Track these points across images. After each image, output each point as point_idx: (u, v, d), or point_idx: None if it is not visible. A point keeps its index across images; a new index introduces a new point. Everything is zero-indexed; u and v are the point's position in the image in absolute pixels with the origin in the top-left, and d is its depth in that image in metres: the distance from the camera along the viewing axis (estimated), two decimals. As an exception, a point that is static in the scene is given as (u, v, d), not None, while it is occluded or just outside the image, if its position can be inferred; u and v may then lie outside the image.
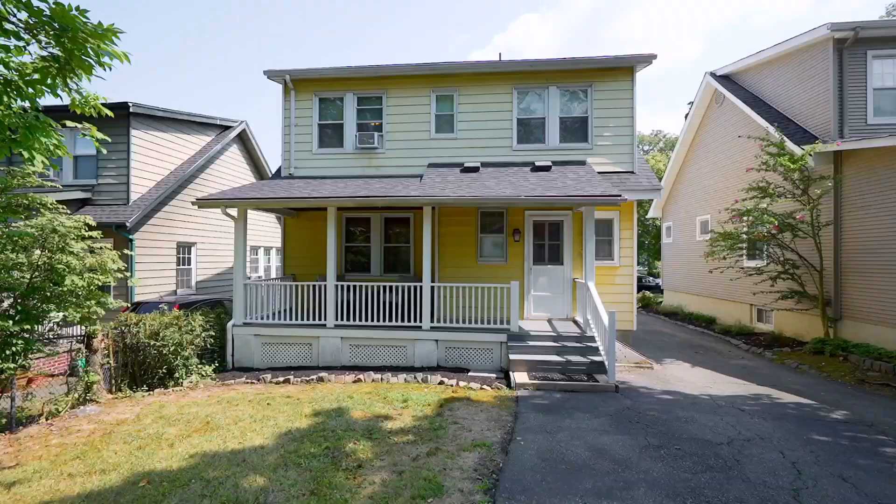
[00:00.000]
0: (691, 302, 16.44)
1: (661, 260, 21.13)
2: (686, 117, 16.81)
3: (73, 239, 5.63)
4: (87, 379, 6.96)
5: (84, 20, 4.09)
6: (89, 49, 4.26)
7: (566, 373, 7.69)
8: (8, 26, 4.13)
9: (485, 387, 7.41)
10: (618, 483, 3.93)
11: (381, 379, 7.95)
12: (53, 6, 3.95)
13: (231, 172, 15.85)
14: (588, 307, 8.45)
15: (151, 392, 7.60)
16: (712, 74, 14.53)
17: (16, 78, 4.59)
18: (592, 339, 8.20)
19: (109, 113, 5.97)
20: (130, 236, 11.23)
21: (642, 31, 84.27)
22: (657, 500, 3.62)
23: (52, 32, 4.04)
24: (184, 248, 13.63)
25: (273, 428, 5.69)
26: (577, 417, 5.80)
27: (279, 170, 11.90)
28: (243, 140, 16.71)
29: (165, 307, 8.68)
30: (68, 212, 6.36)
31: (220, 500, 3.85)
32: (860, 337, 9.34)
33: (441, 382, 7.65)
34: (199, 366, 8.26)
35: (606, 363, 7.38)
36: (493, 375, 8.07)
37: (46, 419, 6.36)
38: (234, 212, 9.19)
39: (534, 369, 7.80)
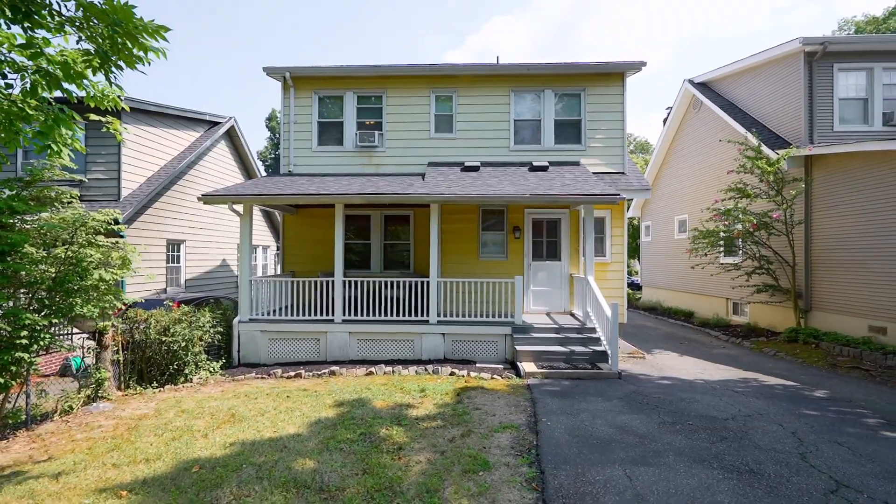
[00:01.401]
0: (669, 297, 17.30)
1: (639, 258, 22.04)
2: (664, 122, 17.68)
3: (100, 234, 5.58)
4: (98, 375, 6.88)
5: (134, 15, 4.17)
6: (138, 44, 4.32)
7: (570, 362, 8.10)
8: (57, 18, 4.16)
9: (495, 376, 7.74)
10: (648, 453, 4.33)
11: (393, 371, 8.15)
12: (107, 6, 4.00)
13: (220, 169, 15.61)
14: (588, 300, 8.91)
15: (162, 388, 7.55)
16: (690, 81, 15.37)
17: (56, 71, 4.59)
18: (593, 330, 8.66)
19: (126, 107, 5.97)
20: (122, 233, 10.97)
21: (613, 37, 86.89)
22: (687, 465, 4.04)
23: (105, 26, 4.09)
24: (173, 246, 13.37)
25: (301, 418, 5.82)
26: (590, 401, 6.20)
27: (277, 166, 11.87)
28: (231, 137, 16.46)
29: (170, 303, 8.61)
30: (83, 206, 6.29)
31: (279, 481, 4.01)
32: (828, 326, 10.19)
33: (452, 373, 7.93)
34: (207, 362, 8.24)
35: (609, 352, 7.84)
36: (501, 366, 8.41)
37: (61, 416, 6.28)
38: (239, 208, 9.18)
39: (539, 359, 8.18)
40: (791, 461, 4.16)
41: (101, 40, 4.38)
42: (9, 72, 4.98)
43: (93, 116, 5.98)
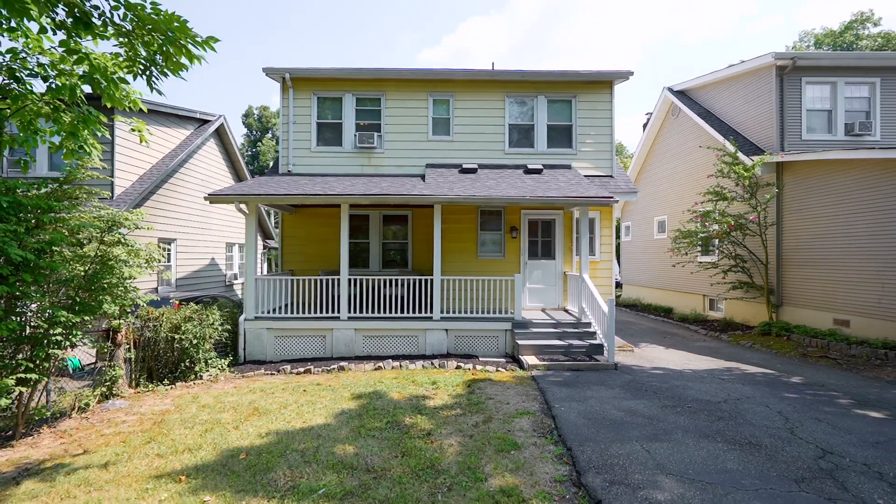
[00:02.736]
0: (649, 294, 18.16)
1: (618, 256, 22.94)
2: (644, 127, 18.54)
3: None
4: (112, 373, 6.93)
5: (189, 28, 4.36)
6: (186, 53, 4.51)
7: (569, 355, 8.60)
8: (110, 28, 4.30)
9: (500, 369, 8.15)
10: (658, 431, 4.83)
11: (400, 366, 8.45)
12: (163, 16, 4.19)
13: (209, 168, 15.50)
14: (584, 297, 9.43)
15: (173, 385, 7.63)
16: (670, 90, 16.21)
17: (97, 75, 4.73)
18: (588, 325, 9.19)
19: (144, 108, 6.10)
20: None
21: (587, 40, 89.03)
22: (696, 440, 4.55)
23: (158, 36, 4.27)
24: (164, 245, 13.23)
25: (324, 410, 6.08)
26: (594, 389, 6.69)
27: (276, 165, 11.97)
28: (220, 135, 16.33)
29: (176, 301, 8.67)
30: (103, 205, 6.34)
31: (326, 464, 4.29)
32: (797, 319, 11.07)
33: (458, 367, 8.31)
34: (216, 359, 8.35)
35: (605, 345, 8.38)
36: (503, 360, 8.84)
37: (78, 413, 6.33)
38: (245, 207, 9.28)
39: (540, 352, 8.65)
40: (782, 435, 4.74)
41: (145, 49, 4.54)
42: (45, 74, 5.09)
43: (119, 118, 6.10)
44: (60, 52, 5.19)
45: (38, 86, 5.49)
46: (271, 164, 30.57)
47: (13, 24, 4.89)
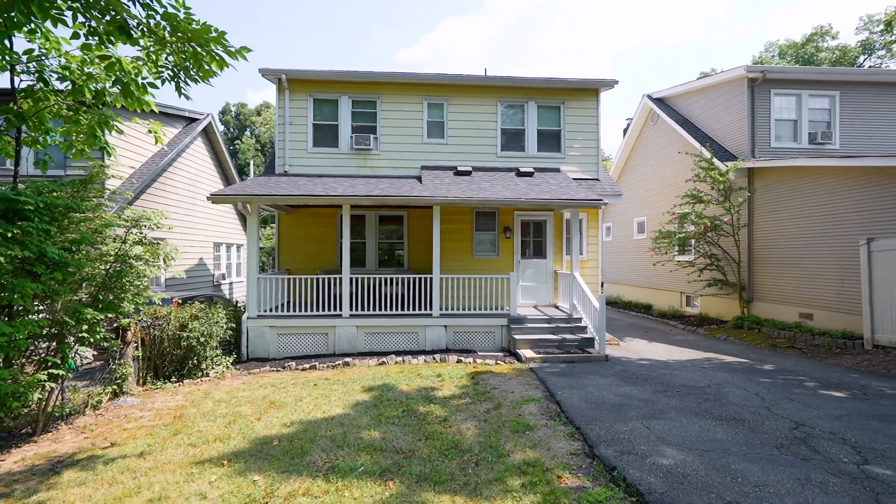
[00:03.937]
0: (629, 292, 18.98)
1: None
2: (624, 132, 19.37)
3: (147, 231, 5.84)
4: (122, 371, 7.03)
5: (226, 41, 4.61)
6: (218, 61, 4.76)
7: (562, 348, 9.12)
8: (145, 36, 4.52)
9: (499, 362, 8.60)
10: (654, 411, 5.35)
11: (403, 361, 8.79)
12: (197, 26, 4.44)
13: (198, 168, 15.45)
14: (575, 294, 9.98)
15: (181, 383, 7.75)
16: (649, 97, 17.04)
17: (127, 79, 4.93)
18: (580, 320, 9.74)
19: (156, 109, 6.30)
20: (110, 231, 10.78)
21: (562, 44, 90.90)
22: (689, 417, 5.09)
23: (195, 46, 4.51)
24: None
25: (339, 401, 6.38)
26: (590, 378, 7.21)
27: (272, 166, 12.09)
28: (208, 134, 16.27)
29: (176, 300, 8.77)
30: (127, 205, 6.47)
31: (357, 447, 4.62)
32: (767, 313, 11.93)
33: (459, 361, 8.71)
34: (221, 357, 8.50)
35: (596, 338, 8.93)
36: (500, 354, 9.29)
37: (92, 409, 6.42)
38: (247, 207, 9.44)
39: (535, 346, 9.14)
40: (761, 412, 5.34)
41: (176, 56, 4.78)
42: (72, 77, 5.24)
43: (136, 120, 6.25)
44: (81, 55, 5.36)
45: (58, 86, 5.65)
46: (251, 162, 30.33)
47: (31, 25, 5.04)
